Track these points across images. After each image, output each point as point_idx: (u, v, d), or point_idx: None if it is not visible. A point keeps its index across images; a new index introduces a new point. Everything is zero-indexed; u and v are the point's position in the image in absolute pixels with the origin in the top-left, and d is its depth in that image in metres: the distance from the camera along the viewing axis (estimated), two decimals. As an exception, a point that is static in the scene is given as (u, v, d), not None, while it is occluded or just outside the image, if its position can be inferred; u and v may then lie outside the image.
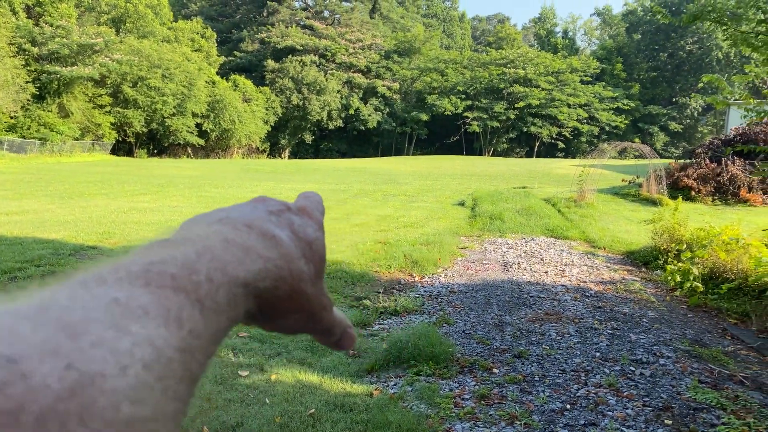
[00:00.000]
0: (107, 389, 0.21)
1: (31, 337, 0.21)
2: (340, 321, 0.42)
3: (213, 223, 0.35)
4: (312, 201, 0.45)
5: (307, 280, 0.37)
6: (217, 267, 0.30)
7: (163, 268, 0.28)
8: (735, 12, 6.04)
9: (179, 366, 0.25)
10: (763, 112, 6.51)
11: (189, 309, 0.27)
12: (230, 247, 0.32)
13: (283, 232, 0.37)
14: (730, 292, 6.72)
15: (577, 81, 65.35)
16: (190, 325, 0.27)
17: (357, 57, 67.41)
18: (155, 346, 0.24)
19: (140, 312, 0.25)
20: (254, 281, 0.32)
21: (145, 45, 46.34)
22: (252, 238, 0.34)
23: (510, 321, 5.78)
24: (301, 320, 0.37)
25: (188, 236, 0.33)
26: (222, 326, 0.29)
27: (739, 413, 3.81)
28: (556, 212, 14.41)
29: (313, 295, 0.37)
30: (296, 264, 0.36)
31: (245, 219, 0.36)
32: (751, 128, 17.56)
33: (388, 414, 3.63)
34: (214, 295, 0.29)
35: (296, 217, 0.40)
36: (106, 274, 0.27)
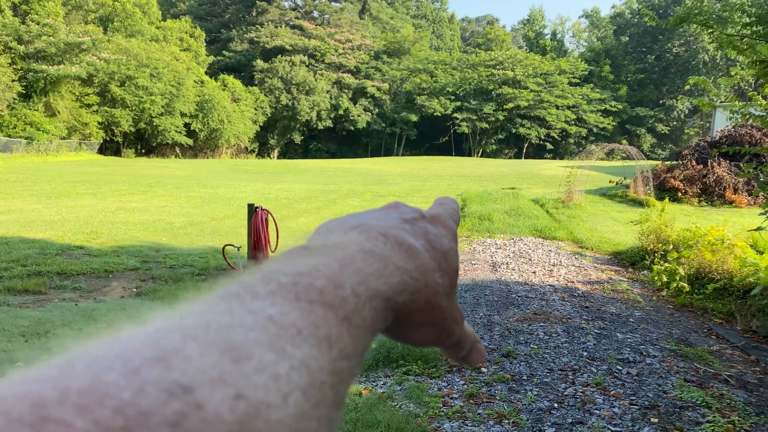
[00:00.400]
0: (273, 421, 0.20)
1: (199, 361, 0.20)
2: (469, 335, 0.40)
3: (348, 230, 0.34)
4: (446, 208, 0.43)
5: (442, 293, 0.35)
6: (360, 281, 0.28)
7: (310, 281, 0.26)
8: (721, 15, 6.11)
9: (331, 390, 0.23)
10: (747, 114, 6.59)
11: (337, 327, 0.25)
12: (369, 259, 0.30)
13: (419, 242, 0.35)
14: (715, 292, 6.79)
15: (565, 83, 65.71)
16: (339, 345, 0.25)
17: (346, 57, 67.37)
18: (310, 369, 0.23)
19: (294, 331, 0.23)
20: (393, 295, 0.30)
21: (133, 44, 46.05)
22: (389, 249, 0.32)
23: (498, 321, 5.81)
24: (433, 334, 0.36)
25: (327, 244, 0.31)
26: (367, 344, 0.28)
27: (724, 411, 3.86)
28: (544, 213, 14.49)
29: (446, 309, 0.35)
30: (432, 276, 0.34)
31: (380, 227, 0.34)
32: (737, 130, 17.75)
33: (377, 413, 3.64)
34: (361, 312, 0.27)
35: (431, 225, 0.38)
36: (258, 286, 0.26)
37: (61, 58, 40.47)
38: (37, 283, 6.64)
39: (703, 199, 17.48)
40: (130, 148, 50.04)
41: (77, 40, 40.50)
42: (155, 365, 0.20)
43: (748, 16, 5.74)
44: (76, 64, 40.68)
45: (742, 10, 5.95)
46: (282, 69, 61.89)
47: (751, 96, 6.72)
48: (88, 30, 42.17)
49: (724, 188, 17.37)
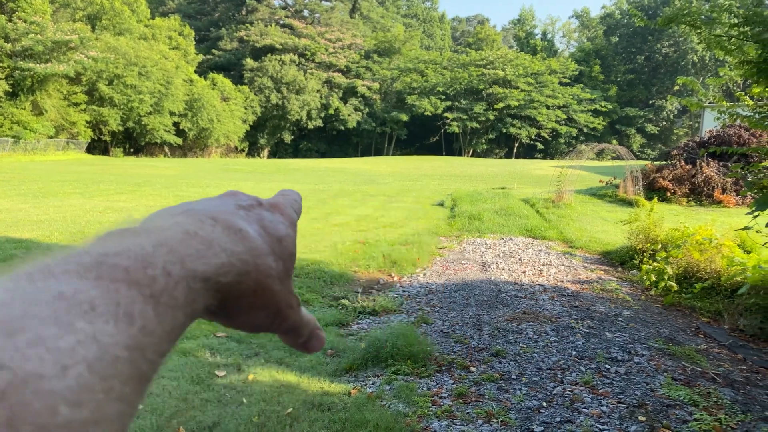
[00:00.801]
0: (43, 391, 0.20)
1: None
2: (307, 321, 0.41)
3: (176, 215, 0.34)
4: (288, 198, 0.44)
5: (275, 276, 0.35)
6: (174, 260, 0.28)
7: (116, 261, 0.26)
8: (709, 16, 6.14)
9: (127, 365, 0.23)
10: (735, 115, 6.63)
11: (142, 304, 0.26)
12: (191, 240, 0.31)
13: (251, 227, 0.36)
14: (703, 291, 6.83)
15: (555, 83, 65.97)
16: (142, 321, 0.25)
17: (337, 56, 67.28)
18: (101, 343, 0.23)
19: (87, 307, 0.23)
20: (215, 275, 0.30)
21: (121, 42, 45.76)
22: (217, 231, 0.33)
23: (488, 320, 5.81)
24: (267, 318, 0.36)
25: (148, 227, 0.31)
26: (178, 323, 0.28)
27: (711, 409, 3.88)
28: (534, 213, 14.53)
29: (280, 293, 0.36)
30: (264, 259, 0.35)
31: (211, 212, 0.35)
32: (725, 130, 17.87)
33: (365, 413, 3.63)
34: (171, 290, 0.27)
35: (267, 212, 0.39)
36: (55, 266, 0.25)
37: (48, 56, 40.11)
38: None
39: (692, 198, 17.60)
40: (118, 147, 49.73)
41: (65, 38, 40.15)
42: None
43: (735, 17, 5.77)
44: (64, 62, 40.33)
45: (729, 11, 5.99)
46: (272, 68, 61.71)
47: (738, 96, 6.77)
48: (76, 28, 41.80)
49: (712, 188, 17.49)
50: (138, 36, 50.91)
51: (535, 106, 64.61)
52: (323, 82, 65.79)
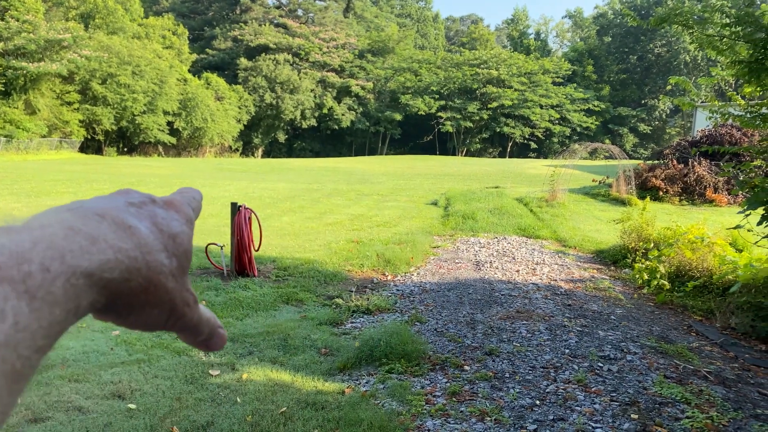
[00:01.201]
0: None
1: None
2: (207, 319, 0.40)
3: (62, 212, 0.33)
4: (185, 196, 0.44)
5: (168, 273, 0.35)
6: (54, 256, 0.28)
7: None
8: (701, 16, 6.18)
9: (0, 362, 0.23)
10: (727, 114, 6.67)
11: (15, 300, 0.25)
12: (74, 236, 0.30)
13: (142, 224, 0.35)
14: (695, 289, 6.87)
15: (549, 82, 66.10)
16: (14, 317, 0.24)
17: (331, 56, 67.20)
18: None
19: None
20: (100, 271, 0.30)
21: (114, 41, 45.57)
22: (103, 228, 0.32)
23: (481, 319, 5.83)
24: (161, 316, 0.36)
25: (29, 225, 0.30)
26: (58, 319, 0.27)
27: (703, 407, 3.91)
28: (528, 212, 14.56)
29: (174, 290, 0.36)
30: (155, 256, 0.34)
31: (98, 209, 0.34)
32: (717, 130, 17.96)
33: (359, 412, 3.63)
34: (48, 286, 0.27)
35: (161, 209, 0.39)
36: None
37: (41, 55, 39.89)
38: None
39: (684, 198, 17.68)
40: (111, 146, 49.50)
41: (58, 37, 39.93)
42: None
43: (727, 17, 5.80)
44: (57, 61, 40.12)
45: (721, 11, 6.03)
46: (266, 67, 61.58)
47: (730, 96, 6.81)
48: (69, 27, 41.60)
49: (704, 187, 17.59)
50: (131, 35, 50.71)
51: (528, 106, 64.72)
52: (317, 82, 65.70)
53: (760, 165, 6.83)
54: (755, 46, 5.60)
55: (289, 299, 6.41)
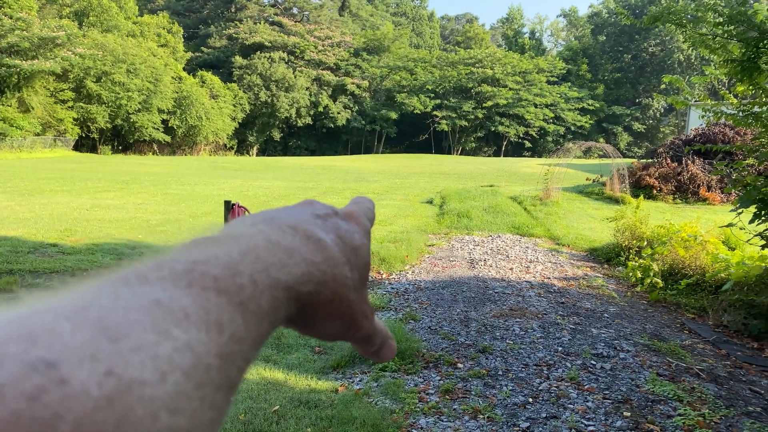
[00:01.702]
0: (146, 398, 0.20)
1: (70, 339, 0.20)
2: (380, 330, 0.41)
3: (257, 223, 0.34)
4: (361, 207, 0.44)
5: (351, 286, 0.36)
6: (260, 269, 0.29)
7: (206, 269, 0.27)
8: (694, 15, 6.20)
9: (218, 373, 0.24)
10: (720, 113, 6.70)
11: (231, 313, 0.26)
12: (274, 249, 0.31)
13: (329, 237, 0.36)
14: (688, 287, 6.90)
15: (543, 81, 66.22)
16: (231, 330, 0.26)
17: (326, 54, 67.12)
18: (195, 352, 0.23)
19: (181, 315, 0.24)
20: (296, 285, 0.31)
21: (109, 39, 45.40)
22: (297, 241, 0.33)
23: (475, 317, 5.84)
24: (342, 327, 0.37)
25: (232, 234, 0.31)
26: (263, 331, 0.28)
27: (695, 405, 3.93)
28: (522, 210, 14.59)
29: (355, 302, 0.36)
30: (340, 269, 0.35)
31: (290, 221, 0.35)
32: (710, 128, 18.02)
33: (353, 410, 3.64)
34: (258, 299, 0.28)
35: (343, 222, 0.39)
36: (149, 272, 0.26)
37: (35, 52, 39.74)
38: (8, 281, 6.51)
39: (678, 196, 17.74)
40: (106, 144, 49.35)
41: (51, 34, 39.78)
42: (19, 342, 0.19)
43: (720, 16, 5.83)
44: (51, 59, 39.97)
45: (714, 9, 6.05)
46: (261, 66, 61.48)
47: (723, 95, 6.84)
48: (63, 24, 41.44)
49: (697, 186, 17.65)
50: (126, 33, 50.54)
51: (523, 105, 64.83)
52: (312, 80, 65.63)
53: (753, 163, 6.85)
54: (748, 45, 5.63)
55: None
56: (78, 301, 0.23)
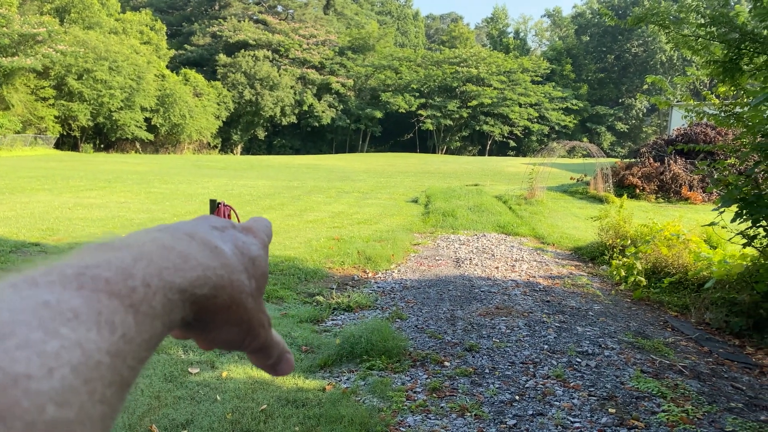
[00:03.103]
0: (32, 391, 0.21)
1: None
2: (278, 342, 0.42)
3: (152, 231, 0.35)
4: (259, 224, 0.46)
5: (248, 293, 0.37)
6: (153, 272, 0.30)
7: (97, 272, 0.28)
8: (677, 16, 6.27)
9: (108, 370, 0.24)
10: (702, 113, 6.78)
11: (122, 314, 0.27)
12: (168, 254, 0.32)
13: (226, 246, 0.37)
14: (671, 285, 6.98)
15: (528, 81, 66.57)
16: (122, 329, 0.26)
17: (311, 53, 66.92)
18: (84, 349, 0.24)
19: (70, 315, 0.24)
20: (191, 288, 0.32)
21: (91, 36, 44.88)
22: (193, 246, 0.34)
23: (461, 315, 5.86)
24: (239, 334, 0.37)
25: (127, 242, 0.32)
26: (157, 332, 0.29)
27: (678, 401, 3.98)
28: (507, 209, 14.67)
29: (252, 310, 0.37)
30: (237, 276, 0.36)
31: (187, 230, 0.36)
32: (692, 129, 18.24)
33: (340, 408, 3.64)
34: (150, 300, 0.28)
35: (241, 234, 0.40)
36: (38, 277, 0.26)
37: (15, 49, 39.15)
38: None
39: (660, 195, 17.95)
40: (88, 142, 48.79)
41: (32, 31, 39.22)
42: None
43: (702, 17, 5.90)
44: (31, 56, 39.41)
45: (696, 11, 6.13)
46: (245, 64, 61.14)
47: (705, 95, 6.93)
48: (44, 21, 40.88)
49: (680, 185, 17.87)
50: (108, 30, 49.99)
51: (507, 104, 65.14)
52: (297, 79, 65.40)
53: (734, 163, 6.95)
54: (729, 47, 5.70)
55: (269, 297, 6.39)
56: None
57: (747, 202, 5.67)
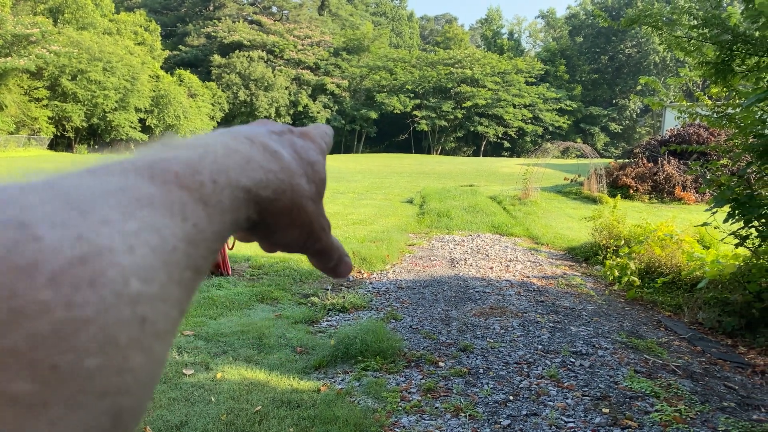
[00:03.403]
0: (116, 262, 0.21)
1: (40, 207, 0.21)
2: (337, 246, 0.43)
3: (215, 134, 0.36)
4: (318, 130, 0.46)
5: (308, 197, 0.38)
6: (219, 170, 0.30)
7: (167, 165, 0.28)
8: (670, 17, 6.30)
9: (183, 255, 0.25)
10: (695, 114, 6.81)
11: (193, 205, 0.27)
12: (233, 155, 0.33)
13: (285, 150, 0.38)
14: (664, 285, 7.01)
15: (522, 82, 66.72)
16: (194, 219, 0.27)
17: (305, 54, 66.91)
18: (161, 233, 0.24)
19: (146, 201, 0.25)
20: (255, 188, 0.33)
21: (85, 37, 44.73)
22: (254, 150, 0.35)
23: (456, 315, 5.87)
24: (301, 237, 0.38)
25: (189, 142, 0.33)
26: (226, 226, 0.30)
27: (671, 400, 4.00)
28: (501, 210, 14.70)
29: (313, 213, 0.38)
30: (297, 180, 0.37)
31: (247, 134, 0.37)
32: (685, 129, 18.32)
33: (335, 409, 3.64)
34: (218, 195, 0.29)
35: (298, 139, 0.41)
36: (112, 166, 0.27)
37: (8, 50, 39.02)
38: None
39: (654, 196, 18.01)
40: (82, 143, 48.64)
41: (25, 31, 39.09)
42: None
43: (695, 19, 5.93)
44: (25, 56, 39.28)
45: (689, 13, 6.15)
46: (240, 64, 61.08)
47: (698, 96, 6.96)
48: (37, 21, 40.74)
49: (673, 185, 17.93)
50: (102, 31, 49.85)
51: (502, 105, 65.28)
52: (292, 79, 65.39)
53: (726, 164, 6.98)
54: (721, 48, 5.73)
55: (264, 298, 6.38)
56: (43, 182, 0.24)
57: (739, 202, 5.70)
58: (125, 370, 0.21)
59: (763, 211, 5.39)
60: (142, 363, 0.22)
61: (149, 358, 0.22)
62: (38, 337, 0.18)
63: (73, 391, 0.19)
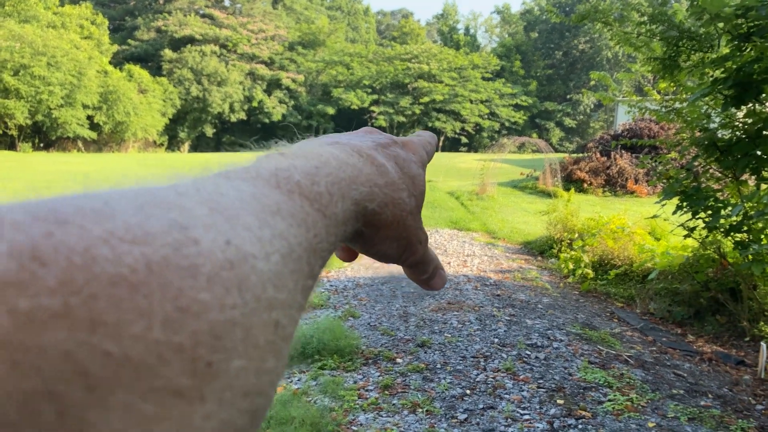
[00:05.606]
0: (258, 269, 0.22)
1: (193, 210, 0.22)
2: (432, 258, 0.44)
3: (325, 144, 0.36)
4: (421, 139, 0.47)
5: (408, 211, 0.38)
6: (334, 182, 0.31)
7: (289, 174, 0.29)
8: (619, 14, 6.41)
9: (306, 264, 0.26)
10: (644, 108, 6.95)
11: (314, 215, 0.28)
12: (344, 167, 0.33)
13: (389, 163, 0.38)
14: (617, 277, 7.16)
15: (478, 77, 67.34)
16: (315, 230, 0.28)
17: (260, 48, 66.00)
18: (288, 241, 0.25)
19: (274, 208, 0.26)
20: (363, 201, 0.34)
21: (27, 30, 43.05)
22: (361, 163, 0.35)
23: (414, 311, 5.87)
24: (398, 249, 0.39)
25: (303, 151, 0.33)
26: (339, 237, 0.31)
27: (624, 390, 4.07)
28: (459, 205, 14.80)
29: (412, 227, 0.39)
30: (399, 194, 0.37)
31: (355, 145, 0.37)
32: (637, 124, 18.78)
33: (291, 409, 3.58)
34: (334, 207, 0.30)
35: (401, 151, 0.41)
36: (240, 173, 0.28)
37: (-55, 43, 37.30)
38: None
39: (607, 189, 18.41)
40: (26, 141, 46.83)
41: (-36, 24, 37.43)
42: (155, 206, 0.22)
43: (643, 15, 6.04)
44: (-36, 50, 37.62)
45: (637, 9, 6.27)
46: (192, 59, 59.84)
47: (647, 91, 7.11)
48: (-23, 14, 39.06)
49: (626, 179, 18.37)
50: (46, 24, 48.07)
51: (459, 101, 65.76)
52: (246, 74, 64.41)
53: (675, 157, 7.16)
54: (668, 44, 5.86)
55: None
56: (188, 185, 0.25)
57: (687, 194, 5.84)
58: (263, 371, 0.22)
59: (709, 203, 5.54)
60: (275, 365, 0.23)
61: (280, 361, 0.23)
62: (199, 334, 0.19)
63: (223, 389, 0.20)
